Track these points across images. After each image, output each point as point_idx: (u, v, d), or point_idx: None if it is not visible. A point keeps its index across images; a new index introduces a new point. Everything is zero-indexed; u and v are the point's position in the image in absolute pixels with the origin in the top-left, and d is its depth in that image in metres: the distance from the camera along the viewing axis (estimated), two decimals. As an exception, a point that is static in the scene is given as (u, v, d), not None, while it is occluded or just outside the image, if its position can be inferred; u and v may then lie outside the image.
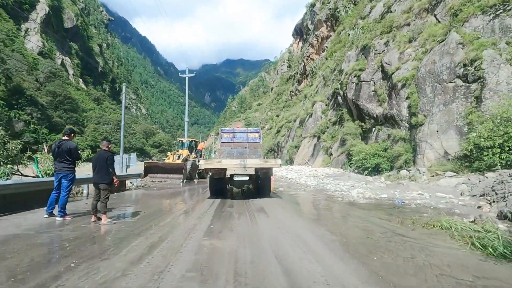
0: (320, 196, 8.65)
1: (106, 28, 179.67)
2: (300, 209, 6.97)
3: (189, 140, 16.80)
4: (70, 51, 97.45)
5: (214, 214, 5.86)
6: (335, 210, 6.58)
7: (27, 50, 71.29)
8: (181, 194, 9.54)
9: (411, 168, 11.48)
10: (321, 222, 5.20)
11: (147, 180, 12.67)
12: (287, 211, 6.37)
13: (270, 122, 53.49)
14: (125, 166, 11.79)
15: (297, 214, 6.13)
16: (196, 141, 17.96)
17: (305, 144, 24.45)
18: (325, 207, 6.90)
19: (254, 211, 6.23)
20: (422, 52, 13.75)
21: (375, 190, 8.89)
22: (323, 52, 40.97)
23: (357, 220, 5.28)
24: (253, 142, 9.57)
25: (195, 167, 14.94)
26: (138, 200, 8.36)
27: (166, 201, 7.94)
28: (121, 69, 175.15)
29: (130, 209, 6.64)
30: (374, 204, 7.09)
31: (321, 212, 6.42)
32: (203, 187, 11.98)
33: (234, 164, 7.38)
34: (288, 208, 6.73)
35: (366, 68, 17.79)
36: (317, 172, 14.94)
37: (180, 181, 12.71)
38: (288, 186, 11.56)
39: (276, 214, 5.93)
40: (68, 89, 68.32)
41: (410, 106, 12.90)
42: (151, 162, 14.18)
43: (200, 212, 6.04)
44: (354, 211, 6.30)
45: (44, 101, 52.20)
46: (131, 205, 7.31)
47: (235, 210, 6.30)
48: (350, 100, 18.13)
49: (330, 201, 7.58)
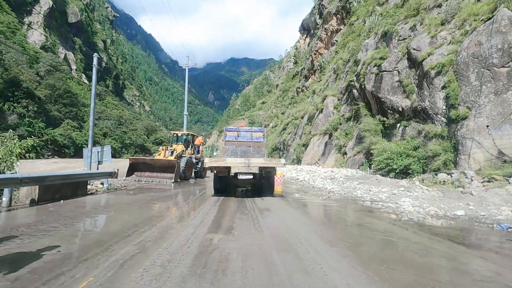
0: (356, 208, 6.47)
1: (111, 25, 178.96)
2: (343, 240, 3.99)
3: (185, 134, 14.71)
4: (73, 46, 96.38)
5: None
6: (409, 247, 3.71)
7: (28, 43, 70.27)
8: (164, 201, 6.99)
9: (453, 171, 9.40)
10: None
11: (132, 179, 10.74)
12: (329, 248, 3.57)
13: (275, 119, 51.46)
14: (95, 161, 9.61)
15: (351, 260, 3.19)
16: (194, 135, 15.79)
17: (314, 142, 22.40)
18: (383, 238, 4.13)
19: (273, 249, 3.51)
20: (462, 34, 11.62)
21: (432, 202, 6.72)
22: (333, 46, 38.81)
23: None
24: (257, 141, 9.48)
25: (190, 165, 13.03)
26: (82, 215, 5.32)
27: (131, 216, 5.22)
28: (125, 65, 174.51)
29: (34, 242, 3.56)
30: (459, 229, 4.73)
31: (385, 252, 3.52)
32: (201, 188, 10.09)
33: (239, 162, 7.40)
34: (327, 238, 4.11)
35: (388, 56, 15.67)
36: (333, 173, 12.91)
37: (172, 181, 10.82)
38: (303, 190, 9.64)
39: (314, 256, 3.21)
40: (69, 83, 67.02)
41: (447, 96, 10.80)
42: (137, 158, 12.14)
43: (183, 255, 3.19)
44: (449, 248, 3.64)
45: (43, 94, 50.81)
46: (46, 232, 4.04)
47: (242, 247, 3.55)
48: (369, 93, 16.04)
49: (378, 220, 5.19)
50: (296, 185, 11.29)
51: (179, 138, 14.32)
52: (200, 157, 15.06)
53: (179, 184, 10.83)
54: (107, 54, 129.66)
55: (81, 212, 5.56)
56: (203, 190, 9.42)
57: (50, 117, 47.19)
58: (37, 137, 39.99)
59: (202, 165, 14.56)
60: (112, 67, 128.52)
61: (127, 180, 10.60)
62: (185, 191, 9.26)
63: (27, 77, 46.01)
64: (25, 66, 53.30)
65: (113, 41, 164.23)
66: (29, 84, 43.72)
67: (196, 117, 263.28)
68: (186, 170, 12.39)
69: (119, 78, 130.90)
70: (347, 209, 6.42)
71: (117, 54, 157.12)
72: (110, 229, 4.46)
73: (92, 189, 8.47)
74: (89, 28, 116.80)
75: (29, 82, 44.33)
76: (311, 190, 9.54)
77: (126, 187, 9.41)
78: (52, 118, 48.54)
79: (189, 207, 6.33)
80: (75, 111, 56.73)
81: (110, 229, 4.48)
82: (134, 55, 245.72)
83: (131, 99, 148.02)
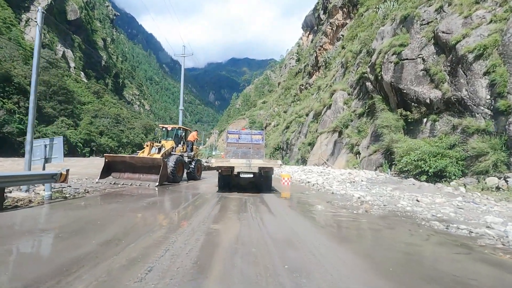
0: (425, 235, 4.11)
1: (111, 23, 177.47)
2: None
3: (176, 128, 12.39)
4: (72, 44, 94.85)
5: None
6: None
7: (24, 39, 68.75)
8: (123, 224, 4.36)
9: (508, 174, 7.49)
10: None
11: (107, 182, 8.82)
12: None
13: (277, 118, 49.55)
14: (39, 158, 6.66)
15: None
16: (186, 130, 13.52)
17: (322, 140, 20.51)
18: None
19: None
20: (506, 10, 9.74)
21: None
22: (339, 41, 36.98)
23: None
24: (257, 143, 10.14)
25: (181, 165, 11.06)
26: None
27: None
28: (125, 64, 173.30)
29: None
30: None
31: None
32: (193, 195, 7.93)
33: (241, 163, 8.11)
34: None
35: (410, 43, 13.79)
36: (351, 175, 10.95)
37: (155, 184, 8.86)
38: (323, 198, 7.29)
39: None
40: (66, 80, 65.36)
41: (492, 84, 8.93)
42: (115, 155, 10.09)
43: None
44: None
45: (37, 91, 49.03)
46: None
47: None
48: (387, 84, 14.15)
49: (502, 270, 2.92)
50: (310, 190, 9.29)
51: (169, 133, 12.03)
52: (194, 155, 13.22)
53: (165, 189, 8.74)
54: (107, 52, 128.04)
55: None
56: (196, 198, 7.08)
57: (43, 114, 45.38)
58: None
59: (196, 165, 12.76)
60: (112, 66, 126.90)
61: (100, 183, 8.67)
62: (168, 200, 6.83)
63: (20, 72, 44.17)
64: (20, 62, 51.73)
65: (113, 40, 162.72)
66: (21, 80, 41.86)
67: (197, 117, 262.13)
68: (176, 170, 10.32)
69: (119, 76, 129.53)
70: (415, 238, 3.99)
71: (117, 53, 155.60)
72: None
73: (24, 198, 5.94)
74: (88, 26, 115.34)
75: (22, 77, 42.47)
76: (333, 198, 7.38)
77: (89, 193, 7.12)
78: (46, 115, 46.76)
79: (166, 237, 3.63)
80: (71, 109, 54.93)
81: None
82: (135, 55, 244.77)
83: (131, 98, 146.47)
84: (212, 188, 9.58)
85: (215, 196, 7.44)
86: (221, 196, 7.37)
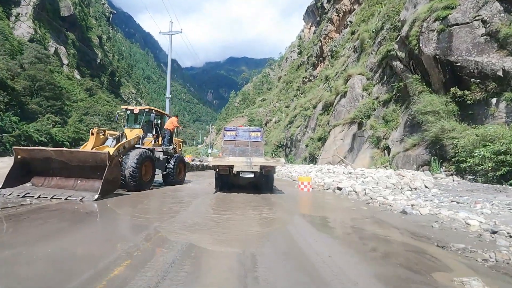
0: None
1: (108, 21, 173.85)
2: None
3: (145, 110, 8.98)
4: (66, 41, 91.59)
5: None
6: None
7: (13, 34, 65.51)
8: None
9: None
10: None
11: (18, 192, 5.44)
12: None
13: (279, 114, 46.35)
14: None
15: None
16: (163, 114, 9.89)
17: (336, 134, 17.32)
18: None
19: None
20: None
21: None
22: (346, 29, 33.85)
23: None
24: (255, 140, 9.62)
25: (149, 163, 7.77)
26: None
27: None
28: (122, 62, 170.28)
29: None
30: None
31: None
32: (153, 232, 4.69)
33: (241, 161, 7.49)
34: None
35: (459, 4, 10.60)
36: (405, 179, 7.48)
37: (93, 197, 5.35)
38: (413, 234, 3.60)
39: None
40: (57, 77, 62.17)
41: None
42: (32, 149, 6.14)
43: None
44: None
45: (21, 86, 45.79)
46: None
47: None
48: (429, 59, 10.97)
49: None
50: (349, 203, 6.10)
51: (138, 117, 8.60)
52: (175, 150, 9.89)
53: (116, 203, 5.30)
54: (103, 50, 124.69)
55: None
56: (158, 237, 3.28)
57: (26, 110, 42.09)
58: (7, 133, 34.96)
59: (177, 164, 9.38)
60: (108, 64, 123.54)
61: (3, 194, 5.23)
62: (90, 242, 3.20)
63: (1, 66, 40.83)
64: (7, 57, 48.69)
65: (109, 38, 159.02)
66: (1, 74, 38.51)
67: (195, 116, 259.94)
68: (139, 172, 7.00)
69: (115, 75, 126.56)
70: None
71: (113, 51, 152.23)
72: None
73: None
74: (83, 23, 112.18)
75: (2, 71, 39.11)
76: (428, 232, 3.74)
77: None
78: (30, 111, 43.43)
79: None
80: (59, 105, 51.49)
81: None
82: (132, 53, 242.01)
83: (127, 96, 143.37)
84: (200, 200, 6.38)
85: (207, 220, 4.31)
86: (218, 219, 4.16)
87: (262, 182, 8.43)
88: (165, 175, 9.11)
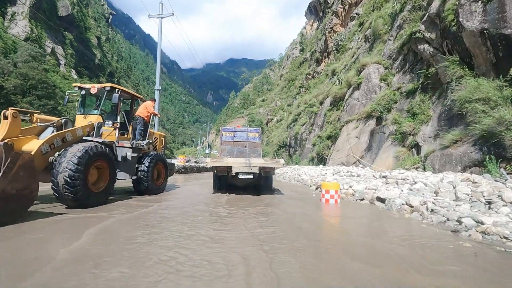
0: None
1: (107, 22, 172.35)
2: None
3: (105, 90, 6.36)
4: (63, 41, 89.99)
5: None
6: None
7: (7, 32, 63.92)
8: None
9: None
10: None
11: None
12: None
13: (280, 112, 44.28)
14: None
15: None
16: (134, 97, 7.32)
17: (349, 131, 15.22)
18: None
19: None
20: None
21: None
22: (352, 21, 31.89)
23: None
24: (253, 141, 9.60)
25: (89, 162, 4.86)
26: None
27: None
28: (121, 63, 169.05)
29: None
30: None
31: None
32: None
33: (240, 162, 7.35)
34: None
35: (511, -35, 8.52)
36: (478, 186, 5.21)
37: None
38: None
39: None
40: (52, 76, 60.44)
41: None
42: None
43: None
44: None
45: (12, 84, 43.94)
46: None
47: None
48: (474, 35, 8.89)
49: None
50: (444, 239, 3.50)
51: (97, 100, 6.44)
52: (154, 146, 7.91)
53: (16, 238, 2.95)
54: (101, 51, 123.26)
55: None
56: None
57: (16, 110, 40.06)
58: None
59: (153, 165, 7.02)
60: (107, 64, 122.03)
61: None
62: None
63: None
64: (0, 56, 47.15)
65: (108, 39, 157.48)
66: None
67: (195, 117, 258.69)
68: (81, 178, 4.59)
69: (113, 75, 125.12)
70: None
71: (112, 52, 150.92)
72: None
73: None
74: (81, 23, 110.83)
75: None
76: None
77: None
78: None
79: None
80: (52, 105, 49.46)
81: None
82: (132, 55, 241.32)
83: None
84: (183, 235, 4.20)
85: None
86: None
87: (261, 183, 8.44)
88: (136, 180, 6.78)
